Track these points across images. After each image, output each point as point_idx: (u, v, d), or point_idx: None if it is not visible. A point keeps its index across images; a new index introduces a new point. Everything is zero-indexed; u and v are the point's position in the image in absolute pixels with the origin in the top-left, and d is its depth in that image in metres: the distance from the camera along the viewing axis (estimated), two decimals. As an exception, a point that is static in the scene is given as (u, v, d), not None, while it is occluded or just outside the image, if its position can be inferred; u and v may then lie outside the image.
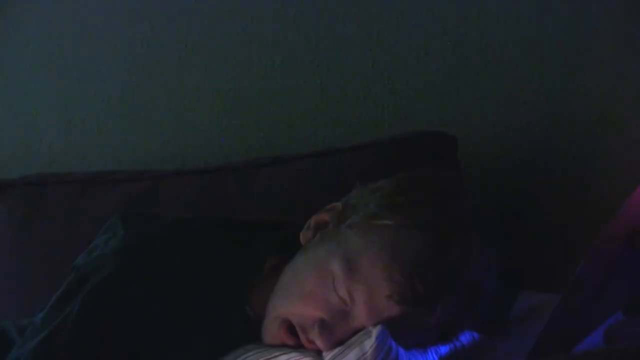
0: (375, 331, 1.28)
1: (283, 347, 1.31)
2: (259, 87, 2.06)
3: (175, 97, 2.13)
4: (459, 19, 1.97)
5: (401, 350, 1.29)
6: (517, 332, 1.45)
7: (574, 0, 1.89)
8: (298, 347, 1.34)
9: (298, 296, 1.36)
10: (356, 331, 1.33)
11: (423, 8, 1.98)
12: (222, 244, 1.47)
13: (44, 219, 1.94)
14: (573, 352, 1.24)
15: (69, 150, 2.18)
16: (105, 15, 2.16)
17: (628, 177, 1.75)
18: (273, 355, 1.29)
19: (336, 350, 1.29)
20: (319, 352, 1.32)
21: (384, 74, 2.00)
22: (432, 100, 1.99)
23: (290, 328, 1.35)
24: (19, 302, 1.88)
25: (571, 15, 1.90)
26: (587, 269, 1.22)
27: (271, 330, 1.37)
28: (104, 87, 2.17)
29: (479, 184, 1.87)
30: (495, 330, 1.46)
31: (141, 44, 2.14)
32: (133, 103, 2.16)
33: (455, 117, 1.96)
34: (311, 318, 1.34)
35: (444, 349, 1.37)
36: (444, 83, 1.98)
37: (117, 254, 1.45)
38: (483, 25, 1.95)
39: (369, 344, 1.27)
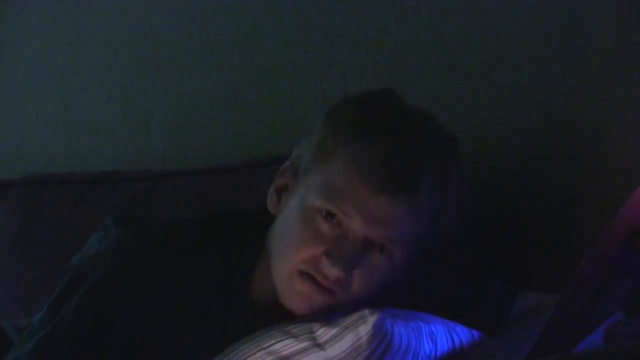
0: (371, 318, 1.28)
1: (278, 333, 1.31)
2: (259, 87, 2.07)
3: (175, 97, 2.13)
4: (459, 19, 1.97)
5: (396, 336, 1.29)
6: (517, 332, 1.45)
7: (574, 0, 1.89)
8: (324, 292, 1.36)
9: (295, 246, 1.39)
10: (364, 244, 1.36)
11: (423, 8, 1.98)
12: (217, 241, 1.48)
13: (44, 219, 1.94)
14: (573, 352, 1.24)
15: (69, 150, 2.18)
16: (105, 16, 2.16)
17: (628, 177, 1.75)
18: (269, 343, 1.30)
19: (333, 332, 1.29)
20: (332, 292, 1.36)
21: (384, 74, 2.00)
22: (433, 100, 1.99)
23: (307, 277, 1.38)
24: (19, 302, 1.88)
25: (571, 15, 1.90)
26: (587, 269, 1.22)
27: (292, 290, 1.39)
28: (103, 87, 2.17)
29: (479, 184, 1.87)
30: (494, 329, 1.46)
31: (141, 44, 2.14)
32: (133, 103, 2.16)
33: (456, 117, 1.96)
34: (316, 256, 1.37)
35: (440, 340, 1.37)
36: (444, 83, 1.98)
37: (113, 254, 1.46)
38: (483, 25, 1.95)
39: (365, 329, 1.28)
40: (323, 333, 1.29)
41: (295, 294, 1.39)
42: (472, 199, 1.80)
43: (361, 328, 1.28)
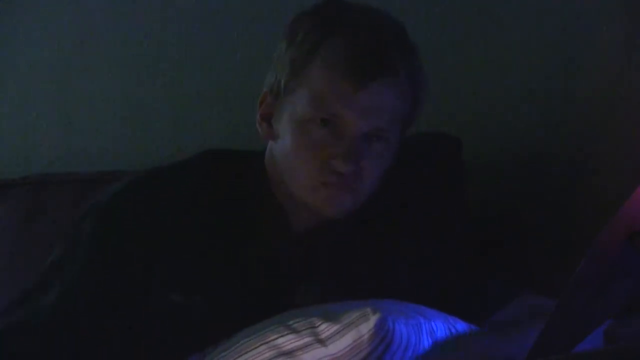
0: (374, 317, 1.28)
1: (280, 327, 1.31)
2: (259, 87, 2.06)
3: (175, 97, 2.13)
4: (459, 19, 1.97)
5: (396, 334, 1.29)
6: (517, 332, 1.45)
7: (574, 0, 1.89)
8: (347, 190, 1.45)
9: (303, 160, 1.45)
10: (363, 137, 1.44)
11: (423, 8, 1.98)
12: (220, 183, 1.53)
13: (44, 219, 1.94)
14: (573, 352, 1.24)
15: (69, 150, 2.18)
16: (105, 16, 2.16)
17: (628, 177, 1.75)
18: (271, 338, 1.30)
19: (335, 328, 1.29)
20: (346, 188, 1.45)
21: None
22: (433, 100, 1.99)
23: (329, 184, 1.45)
24: (19, 302, 1.88)
25: (571, 15, 1.90)
26: (587, 269, 1.22)
27: (321, 199, 1.46)
28: (104, 87, 2.17)
29: (480, 184, 1.87)
30: (487, 320, 1.46)
31: (141, 44, 2.14)
32: (133, 103, 2.16)
33: (455, 117, 1.96)
34: (325, 162, 1.44)
35: (440, 337, 1.37)
36: (445, 83, 1.98)
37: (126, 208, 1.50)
38: (483, 25, 1.95)
39: (367, 327, 1.28)
40: (325, 329, 1.29)
41: (325, 201, 1.46)
42: (472, 199, 1.80)
43: (363, 326, 1.28)
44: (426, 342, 1.34)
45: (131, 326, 1.47)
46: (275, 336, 1.30)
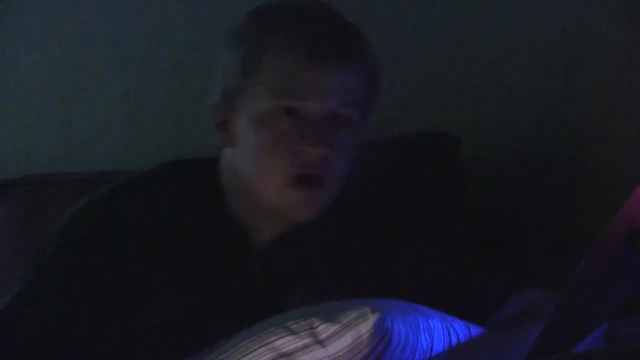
0: (373, 317, 1.29)
1: (278, 329, 1.31)
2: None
3: (175, 97, 2.13)
4: (459, 19, 1.97)
5: (395, 333, 1.29)
6: (517, 330, 1.45)
7: (574, 0, 1.89)
8: (318, 187, 1.41)
9: (271, 157, 1.41)
10: (329, 121, 1.41)
11: (423, 8, 1.98)
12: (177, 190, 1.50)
13: (44, 219, 1.94)
14: (573, 352, 1.24)
15: (69, 150, 2.18)
16: (105, 16, 2.16)
17: (628, 177, 1.75)
18: (269, 340, 1.30)
19: (334, 329, 1.29)
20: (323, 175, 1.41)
21: (384, 74, 2.00)
22: (432, 100, 1.99)
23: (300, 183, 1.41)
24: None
25: (571, 15, 1.90)
26: (587, 269, 1.22)
27: (292, 201, 1.42)
28: (104, 87, 2.17)
29: (480, 184, 1.87)
30: (487, 320, 1.46)
31: (141, 44, 2.14)
32: (133, 103, 2.16)
33: (455, 117, 1.96)
34: (294, 152, 1.40)
35: (437, 335, 1.37)
36: (444, 83, 1.98)
37: (85, 219, 1.48)
38: (483, 25, 1.95)
39: (366, 327, 1.28)
40: (324, 329, 1.29)
41: (295, 204, 1.42)
42: (472, 199, 1.80)
43: (362, 326, 1.29)
44: (424, 340, 1.34)
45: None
46: (274, 338, 1.30)
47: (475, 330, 1.44)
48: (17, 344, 1.43)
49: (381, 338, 1.28)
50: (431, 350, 1.36)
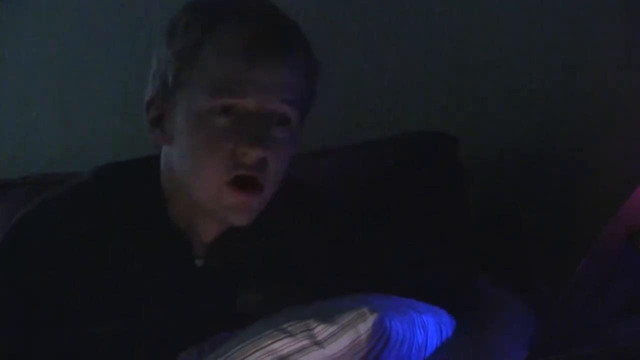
0: (371, 317, 1.29)
1: (274, 332, 1.31)
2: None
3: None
4: (459, 19, 1.97)
5: (393, 332, 1.29)
6: (516, 325, 1.46)
7: (574, 0, 1.89)
8: (254, 191, 1.37)
9: (207, 157, 1.37)
10: (266, 120, 1.36)
11: (423, 8, 1.98)
12: (115, 196, 1.46)
13: (44, 219, 1.94)
14: (573, 352, 1.24)
15: (69, 150, 2.18)
16: (104, 16, 2.16)
17: (628, 177, 1.75)
18: (266, 343, 1.29)
19: (331, 330, 1.29)
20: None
21: (384, 74, 2.01)
22: (432, 100, 1.99)
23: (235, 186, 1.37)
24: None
25: (571, 15, 1.90)
26: (587, 269, 1.22)
27: (227, 205, 1.38)
28: (104, 87, 2.17)
29: (479, 184, 1.87)
30: (459, 306, 1.46)
31: (141, 44, 2.14)
32: (133, 103, 2.16)
33: (455, 117, 1.96)
34: (231, 153, 1.36)
35: (431, 331, 1.37)
36: (444, 83, 1.98)
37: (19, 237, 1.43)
38: (483, 25, 1.95)
39: (364, 327, 1.28)
40: (321, 330, 1.29)
41: (231, 207, 1.38)
42: (472, 199, 1.80)
43: (361, 326, 1.28)
44: (420, 336, 1.34)
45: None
46: (271, 341, 1.29)
47: (454, 322, 1.44)
48: None
49: (379, 337, 1.28)
50: (426, 345, 1.36)
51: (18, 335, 1.39)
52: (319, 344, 1.28)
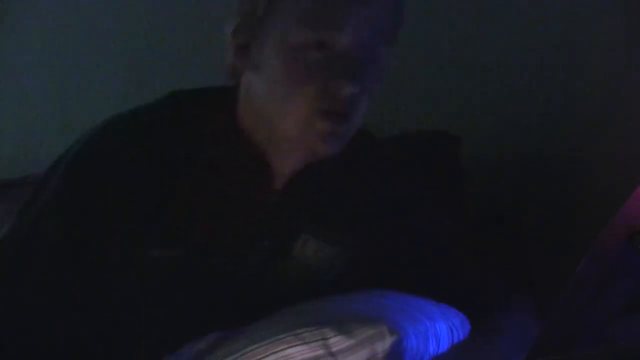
0: (390, 338, 1.28)
1: (289, 337, 1.30)
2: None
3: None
4: (459, 19, 1.97)
5: (408, 350, 1.29)
6: (513, 328, 1.46)
7: (574, 0, 1.89)
8: (341, 122, 1.34)
9: (299, 88, 1.33)
10: (362, 54, 1.33)
11: (423, 8, 1.98)
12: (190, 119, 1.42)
13: (44, 219, 1.94)
14: (573, 352, 1.24)
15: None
16: (105, 15, 2.16)
17: (628, 177, 1.75)
18: (280, 348, 1.28)
19: (348, 344, 1.27)
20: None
21: (384, 74, 2.00)
22: (432, 100, 1.99)
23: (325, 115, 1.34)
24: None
25: (571, 15, 1.90)
26: (587, 269, 1.22)
27: (313, 134, 1.34)
28: (104, 87, 2.17)
29: (480, 184, 1.87)
30: (489, 321, 1.46)
31: (141, 44, 2.14)
32: (133, 103, 2.16)
33: (455, 117, 1.97)
34: (325, 86, 1.32)
35: (443, 339, 1.37)
36: (445, 83, 1.98)
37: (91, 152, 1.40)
38: (483, 25, 1.95)
39: (382, 347, 1.27)
40: (337, 342, 1.27)
41: (320, 136, 1.34)
42: (472, 199, 1.80)
43: (378, 345, 1.27)
44: (431, 347, 1.33)
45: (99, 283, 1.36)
46: (285, 346, 1.28)
47: (468, 326, 1.44)
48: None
49: (395, 357, 1.27)
50: (437, 352, 1.36)
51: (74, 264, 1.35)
52: (333, 355, 1.26)
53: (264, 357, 1.27)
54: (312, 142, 1.34)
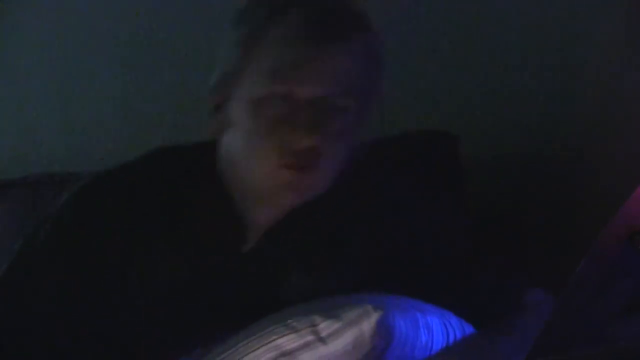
0: (375, 315, 1.29)
1: (279, 327, 1.31)
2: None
3: (175, 97, 2.13)
4: (459, 19, 1.97)
5: (396, 330, 1.29)
6: (517, 329, 1.45)
7: (574, 0, 1.89)
8: (306, 173, 1.37)
9: (263, 142, 1.38)
10: (322, 108, 1.36)
11: (423, 8, 1.98)
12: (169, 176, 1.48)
13: (44, 219, 1.94)
14: (573, 352, 1.24)
15: (69, 150, 2.18)
16: (105, 15, 2.16)
17: (628, 177, 1.75)
18: (271, 339, 1.30)
19: (335, 327, 1.29)
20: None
21: (384, 74, 2.00)
22: (432, 100, 1.99)
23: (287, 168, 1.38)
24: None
25: (571, 15, 1.90)
26: (587, 269, 1.22)
27: (278, 186, 1.38)
28: (104, 87, 2.17)
29: (479, 183, 1.87)
30: (494, 324, 1.46)
31: (141, 44, 2.14)
32: (133, 103, 2.16)
33: (455, 117, 1.97)
34: (285, 139, 1.36)
35: (436, 331, 1.37)
36: (445, 83, 1.98)
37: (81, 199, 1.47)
38: (483, 25, 1.95)
39: (368, 325, 1.28)
40: (325, 327, 1.29)
41: (281, 188, 1.39)
42: (472, 199, 1.80)
43: (365, 324, 1.28)
44: (423, 337, 1.34)
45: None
46: (275, 337, 1.30)
47: (468, 328, 1.44)
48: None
49: (383, 336, 1.28)
50: (431, 346, 1.36)
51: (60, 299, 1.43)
52: (322, 340, 1.28)
53: (255, 350, 1.29)
54: (279, 191, 1.39)
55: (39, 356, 1.42)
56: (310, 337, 1.29)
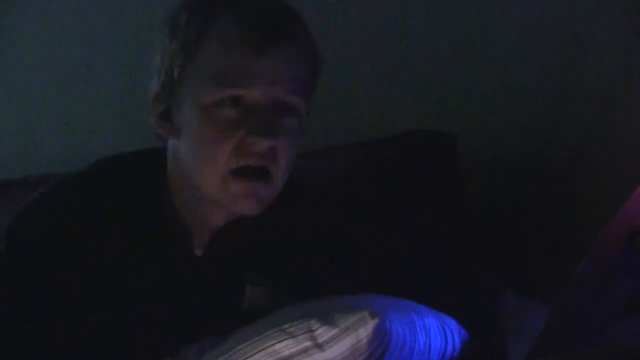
0: (372, 322, 1.28)
1: (276, 333, 1.31)
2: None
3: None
4: (459, 19, 1.97)
5: (394, 335, 1.29)
6: (515, 332, 1.45)
7: (574, 0, 1.89)
8: (260, 179, 1.37)
9: (215, 147, 1.37)
10: (274, 110, 1.37)
11: (423, 8, 1.98)
12: (117, 188, 1.47)
13: (44, 219, 1.94)
14: (573, 352, 1.24)
15: (69, 150, 2.18)
16: (105, 16, 2.16)
17: (628, 177, 1.75)
18: (268, 344, 1.29)
19: (332, 333, 1.28)
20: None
21: (384, 74, 2.00)
22: (432, 100, 1.99)
23: (239, 175, 1.37)
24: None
25: (571, 15, 1.90)
26: (587, 269, 1.22)
27: (232, 194, 1.38)
28: (104, 87, 2.17)
29: (479, 183, 1.87)
30: (483, 330, 1.46)
31: (141, 44, 2.14)
32: (133, 103, 2.16)
33: (455, 117, 1.96)
34: (240, 142, 1.36)
35: (434, 333, 1.37)
36: (444, 83, 1.98)
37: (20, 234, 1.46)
38: (483, 25, 1.95)
39: (365, 332, 1.28)
40: (322, 333, 1.28)
41: (237, 196, 1.38)
42: (472, 199, 1.80)
43: (361, 330, 1.28)
44: (421, 339, 1.34)
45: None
46: (272, 342, 1.29)
47: (466, 336, 1.44)
48: None
49: (380, 342, 1.28)
50: (429, 348, 1.36)
51: (17, 326, 1.42)
52: (319, 346, 1.27)
53: (252, 355, 1.28)
54: (232, 202, 1.39)
55: None
56: (307, 343, 1.28)
